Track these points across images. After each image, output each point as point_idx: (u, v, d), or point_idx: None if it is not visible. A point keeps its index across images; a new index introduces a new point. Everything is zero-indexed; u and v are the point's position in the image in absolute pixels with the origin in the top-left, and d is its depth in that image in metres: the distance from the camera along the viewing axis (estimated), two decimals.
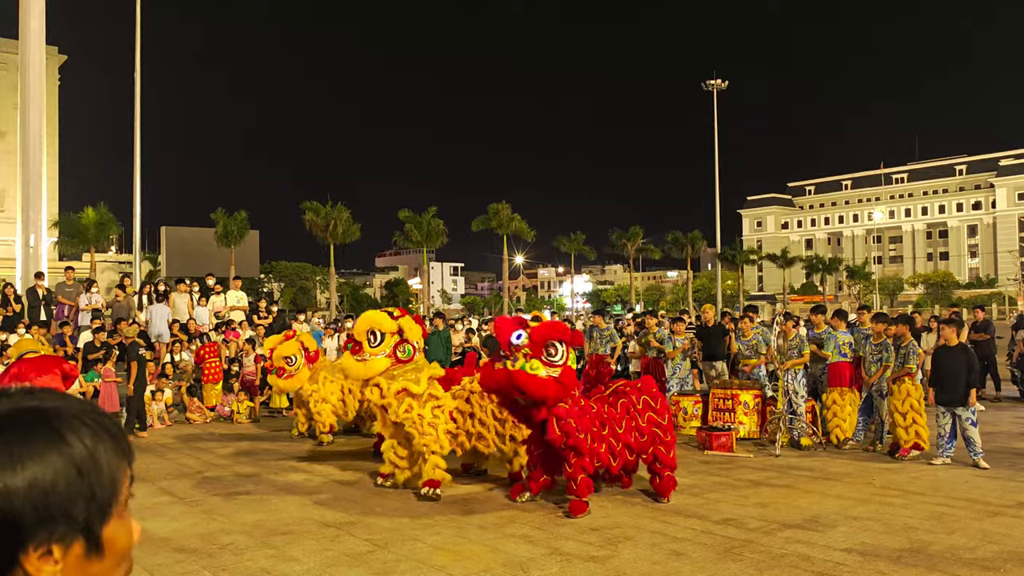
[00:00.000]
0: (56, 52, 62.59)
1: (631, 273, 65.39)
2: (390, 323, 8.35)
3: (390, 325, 8.33)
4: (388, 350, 8.25)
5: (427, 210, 49.80)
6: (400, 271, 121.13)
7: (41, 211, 20.00)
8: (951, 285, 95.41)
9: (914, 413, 10.02)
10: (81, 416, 0.97)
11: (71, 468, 0.93)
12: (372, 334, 8.23)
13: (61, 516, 0.92)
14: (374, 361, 8.19)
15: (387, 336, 8.26)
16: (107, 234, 40.31)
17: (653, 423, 7.80)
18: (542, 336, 7.12)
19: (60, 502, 0.92)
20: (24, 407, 0.96)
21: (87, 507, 0.94)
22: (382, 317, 8.44)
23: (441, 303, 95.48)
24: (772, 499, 7.87)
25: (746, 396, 11.60)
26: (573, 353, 7.34)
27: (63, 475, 0.92)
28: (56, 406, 0.98)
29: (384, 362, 8.21)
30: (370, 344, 8.21)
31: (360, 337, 8.24)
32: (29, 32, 19.98)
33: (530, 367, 7.04)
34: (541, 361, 7.06)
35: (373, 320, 8.39)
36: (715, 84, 56.84)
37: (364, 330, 8.25)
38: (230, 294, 18.47)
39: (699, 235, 61.06)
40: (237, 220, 37.05)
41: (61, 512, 0.92)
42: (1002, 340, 17.60)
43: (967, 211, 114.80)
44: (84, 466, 0.94)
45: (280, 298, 71.18)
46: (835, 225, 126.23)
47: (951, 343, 9.83)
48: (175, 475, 9.46)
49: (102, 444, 0.97)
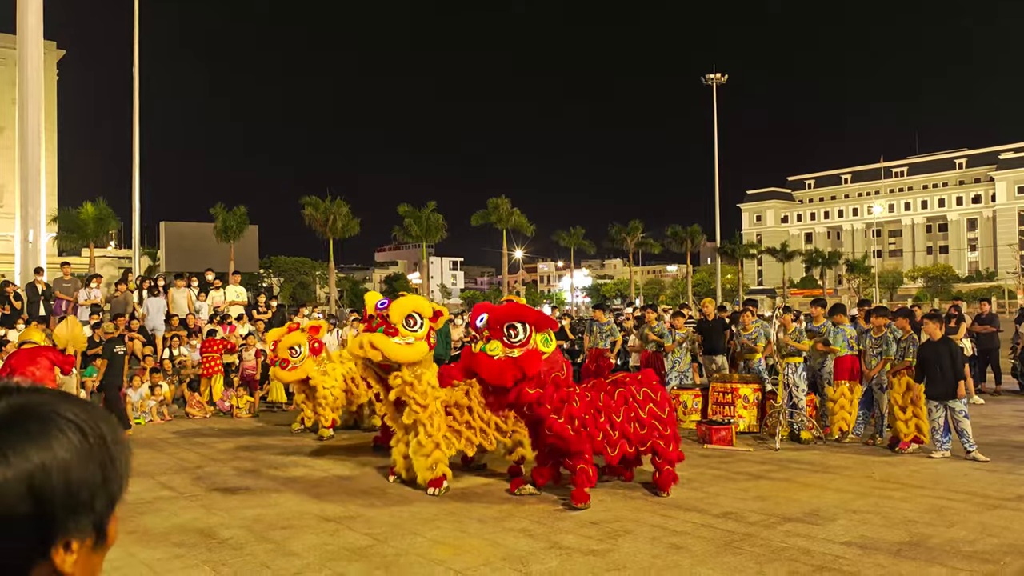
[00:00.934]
0: (54, 47, 62.44)
1: (631, 267, 65.26)
2: (429, 307, 8.12)
3: (429, 310, 8.09)
4: (425, 336, 7.99)
5: (426, 205, 49.74)
6: (400, 266, 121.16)
7: (40, 206, 19.97)
8: (951, 279, 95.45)
9: (914, 407, 10.03)
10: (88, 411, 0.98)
11: (92, 460, 0.94)
12: (412, 318, 7.89)
13: (84, 508, 0.93)
14: (417, 345, 7.87)
15: (425, 322, 8.00)
16: (106, 229, 40.22)
17: (653, 415, 7.76)
18: (500, 317, 7.10)
19: (85, 492, 0.93)
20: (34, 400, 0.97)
21: (103, 499, 0.95)
22: (424, 302, 8.21)
23: (441, 298, 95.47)
24: (772, 493, 7.87)
25: (746, 390, 11.60)
26: (541, 336, 7.16)
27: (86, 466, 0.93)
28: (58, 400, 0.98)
29: (424, 347, 7.93)
30: (408, 327, 7.85)
31: (397, 319, 7.83)
32: (27, 27, 19.92)
33: (489, 349, 7.00)
34: (501, 343, 7.00)
35: (416, 304, 8.09)
36: (715, 78, 56.81)
37: (404, 313, 7.88)
38: (229, 289, 18.47)
39: (699, 229, 61.00)
40: (236, 215, 36.95)
41: (85, 503, 0.93)
42: (1003, 334, 17.58)
43: (967, 205, 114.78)
44: (102, 459, 0.95)
45: (279, 293, 71.14)
46: (835, 219, 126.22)
47: (935, 337, 9.82)
48: (174, 470, 9.46)
49: (111, 437, 0.98)
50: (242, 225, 36.72)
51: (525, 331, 7.08)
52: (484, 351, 7.06)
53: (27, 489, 0.89)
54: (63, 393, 1.00)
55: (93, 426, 0.96)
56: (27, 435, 0.92)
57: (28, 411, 0.94)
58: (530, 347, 7.06)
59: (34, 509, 0.90)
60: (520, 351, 7.02)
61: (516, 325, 7.07)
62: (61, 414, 0.95)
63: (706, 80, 56.88)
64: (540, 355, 7.11)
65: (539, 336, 7.16)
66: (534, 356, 7.05)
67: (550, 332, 7.35)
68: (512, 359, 7.00)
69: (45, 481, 0.90)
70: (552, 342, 7.33)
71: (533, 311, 7.32)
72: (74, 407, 0.97)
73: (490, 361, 7.03)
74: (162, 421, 13.44)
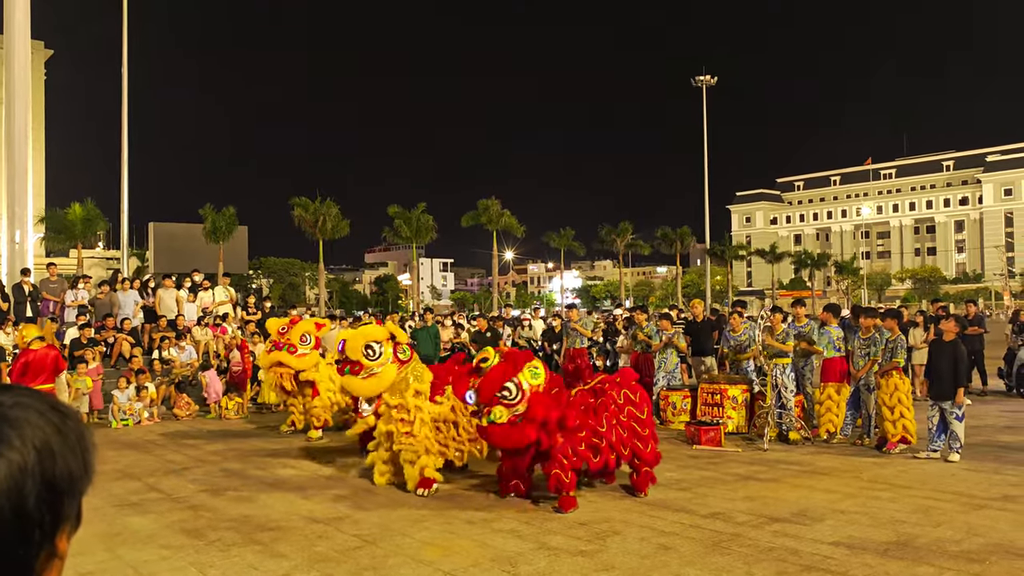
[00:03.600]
0: (42, 47, 62.13)
1: (620, 269, 65.38)
2: (381, 331, 8.36)
3: (382, 333, 8.32)
4: (390, 357, 8.16)
5: (416, 206, 49.70)
6: (390, 267, 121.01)
7: (27, 207, 19.86)
8: (938, 280, 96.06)
9: (901, 407, 10.07)
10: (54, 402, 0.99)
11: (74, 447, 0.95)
12: (370, 348, 8.09)
13: (76, 493, 0.95)
14: (384, 372, 8.07)
15: (384, 344, 8.18)
16: (94, 230, 40.02)
17: (633, 417, 7.76)
18: (487, 388, 7.17)
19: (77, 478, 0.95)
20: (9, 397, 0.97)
21: (85, 485, 0.98)
22: (372, 329, 8.49)
23: (431, 299, 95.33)
24: (760, 493, 7.89)
25: (734, 391, 11.63)
26: (528, 372, 7.17)
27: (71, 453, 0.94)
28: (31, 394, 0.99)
29: (392, 370, 8.12)
30: (370, 358, 8.06)
31: (356, 356, 8.06)
32: (14, 25, 19.81)
33: (495, 418, 7.04)
34: (503, 406, 7.05)
35: (366, 334, 8.29)
36: (704, 80, 56.96)
37: (360, 347, 8.09)
38: (218, 289, 18.40)
39: (688, 231, 61.18)
40: (226, 216, 36.81)
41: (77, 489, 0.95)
42: (989, 335, 17.68)
43: (954, 206, 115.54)
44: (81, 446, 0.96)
45: (269, 294, 70.91)
46: (823, 220, 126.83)
47: (947, 338, 9.84)
48: (162, 471, 9.41)
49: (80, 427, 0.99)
50: (231, 226, 36.57)
51: (518, 388, 7.07)
52: (492, 422, 7.04)
53: (40, 475, 0.90)
54: (29, 389, 1.01)
55: (66, 416, 0.98)
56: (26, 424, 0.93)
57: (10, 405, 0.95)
58: (527, 393, 7.07)
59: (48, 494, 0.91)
60: (522, 405, 7.03)
61: (508, 386, 7.08)
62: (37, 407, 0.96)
63: (695, 82, 57.02)
64: (540, 395, 7.09)
65: (526, 374, 7.15)
66: (536, 400, 7.04)
67: (532, 365, 7.31)
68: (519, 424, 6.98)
69: (51, 467, 0.91)
70: (540, 371, 7.29)
71: (513, 366, 7.22)
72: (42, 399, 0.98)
73: (504, 430, 7.03)
74: (150, 422, 13.37)
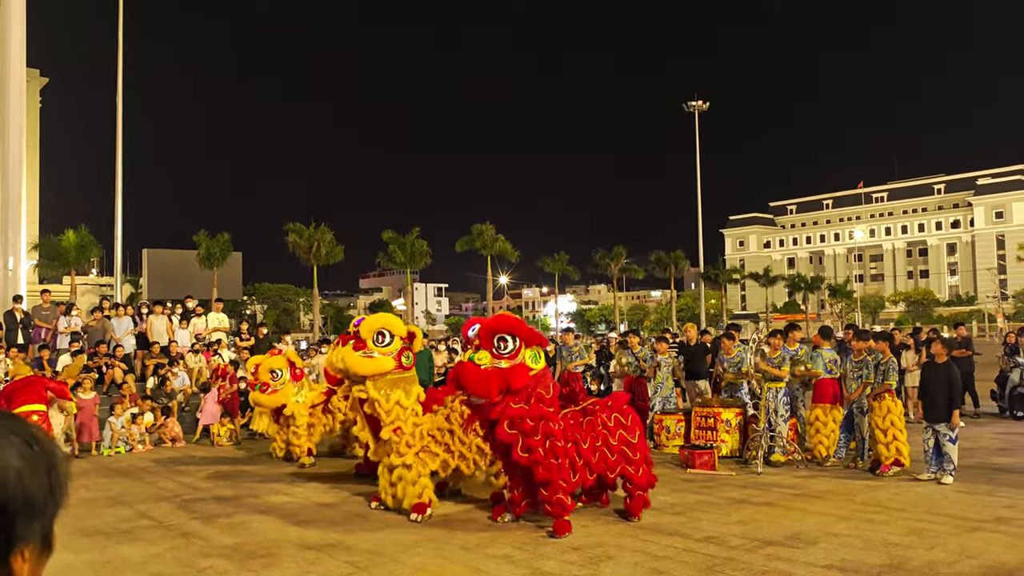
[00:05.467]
0: (38, 75, 62.37)
1: (615, 293, 65.48)
2: (402, 327, 8.19)
3: (401, 329, 8.15)
4: (394, 353, 8.02)
5: (411, 231, 49.82)
6: (384, 292, 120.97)
7: (21, 233, 19.86)
8: (932, 303, 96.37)
9: (894, 429, 10.08)
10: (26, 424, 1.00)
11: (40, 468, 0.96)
12: (381, 334, 7.97)
13: (37, 514, 0.96)
14: (381, 359, 7.91)
15: (396, 339, 8.05)
16: (88, 256, 40.00)
17: (623, 441, 7.74)
18: (492, 327, 7.13)
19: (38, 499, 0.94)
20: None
21: (51, 507, 0.97)
22: (395, 319, 8.29)
23: (426, 324, 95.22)
24: (753, 517, 7.88)
25: (728, 414, 11.63)
26: (531, 351, 7.17)
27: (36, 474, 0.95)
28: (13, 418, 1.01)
29: (390, 363, 7.95)
30: (376, 343, 7.94)
31: (367, 335, 7.95)
32: (9, 54, 19.92)
33: (477, 358, 7.00)
34: (491, 353, 7.01)
35: (386, 321, 8.18)
36: (696, 105, 57.46)
37: (374, 329, 7.99)
38: (211, 316, 18.37)
39: (682, 255, 61.40)
40: (220, 242, 36.84)
41: (38, 509, 0.96)
42: (981, 357, 17.72)
43: (946, 229, 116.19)
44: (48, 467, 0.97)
45: (263, 320, 70.75)
46: (816, 244, 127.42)
47: (938, 360, 9.88)
48: (154, 498, 9.36)
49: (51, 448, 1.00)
50: (225, 252, 36.59)
51: (514, 343, 7.08)
52: (472, 360, 7.04)
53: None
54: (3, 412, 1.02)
55: (35, 438, 0.99)
56: None
57: None
58: (518, 360, 7.06)
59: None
60: (508, 363, 7.01)
61: (506, 337, 7.08)
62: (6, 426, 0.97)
63: (688, 107, 57.52)
64: (528, 370, 7.10)
65: (528, 352, 7.16)
66: (521, 369, 7.04)
67: (539, 350, 7.35)
68: (499, 369, 6.99)
69: (4, 487, 0.92)
70: (541, 360, 7.33)
71: (525, 326, 7.32)
72: (13, 421, 1.00)
73: (476, 370, 7.00)
74: (143, 449, 13.29)
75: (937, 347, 10.06)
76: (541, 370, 7.26)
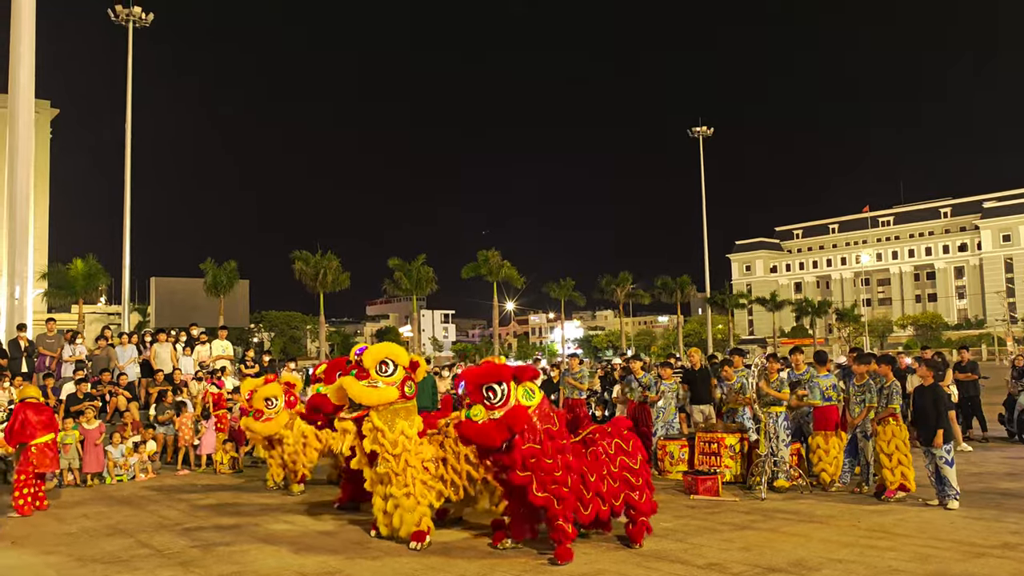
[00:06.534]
0: (48, 106, 63.10)
1: (621, 318, 65.49)
2: (405, 356, 8.12)
3: (405, 358, 8.08)
4: (398, 382, 7.95)
5: (416, 258, 50.03)
6: (391, 319, 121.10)
7: (27, 263, 20.01)
8: (940, 327, 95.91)
9: (899, 454, 9.99)
10: None
11: None
12: (385, 363, 7.90)
13: None
14: (385, 389, 7.82)
15: (399, 368, 7.99)
16: (96, 285, 40.29)
17: (625, 467, 7.70)
18: (476, 380, 7.17)
19: None
20: None
21: None
22: (399, 349, 8.20)
23: (433, 351, 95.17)
24: (757, 543, 7.80)
25: (731, 440, 11.55)
26: (522, 390, 7.17)
27: None
28: None
29: (394, 392, 7.88)
30: (379, 372, 7.86)
31: (370, 364, 7.86)
32: (18, 86, 20.21)
33: (472, 414, 7.07)
34: (483, 406, 7.07)
35: (390, 350, 8.09)
36: (701, 131, 57.76)
37: (378, 358, 7.90)
38: (215, 343, 18.40)
39: (688, 280, 61.47)
40: (227, 270, 37.09)
41: None
42: (989, 381, 17.61)
43: (953, 253, 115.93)
44: None
45: (270, 347, 70.83)
46: (823, 268, 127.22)
47: (926, 383, 9.87)
48: (154, 527, 9.32)
49: None
50: (232, 280, 36.81)
51: (502, 390, 7.10)
52: (468, 417, 7.08)
53: None
54: None
55: None
56: None
57: None
58: (512, 404, 7.07)
59: None
60: (501, 411, 7.03)
61: (493, 386, 7.10)
62: None
63: (692, 133, 57.83)
64: (525, 409, 7.09)
65: (520, 390, 7.15)
66: (518, 412, 7.05)
67: (530, 385, 7.31)
68: (495, 420, 7.01)
69: None
70: (536, 394, 7.28)
71: (506, 368, 7.27)
72: None
73: (475, 426, 7.05)
74: (145, 478, 13.26)
75: (922, 370, 10.08)
76: (539, 403, 7.23)
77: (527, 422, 7.05)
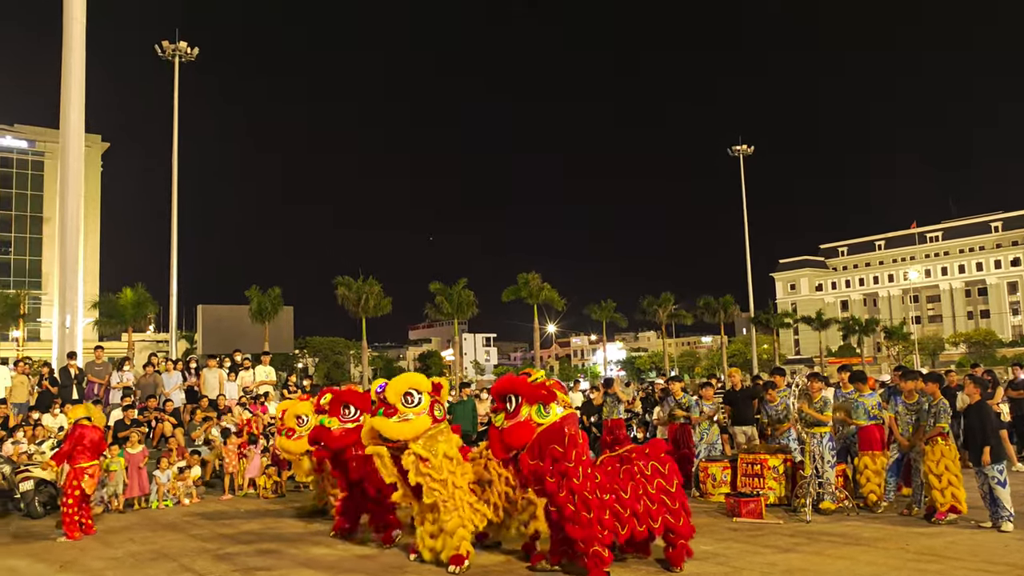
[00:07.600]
0: (99, 140, 64.99)
1: (664, 339, 64.85)
2: (426, 382, 8.21)
3: (426, 384, 8.17)
4: (427, 409, 8.00)
5: (457, 281, 50.23)
6: (433, 343, 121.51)
7: (78, 292, 20.57)
8: (994, 344, 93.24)
9: (949, 475, 9.70)
10: None
11: None
12: (409, 395, 7.95)
13: None
14: (417, 420, 7.86)
15: (424, 396, 8.05)
16: (144, 313, 41.15)
17: (662, 489, 7.60)
18: (496, 390, 7.60)
19: None
20: None
21: None
22: (418, 377, 8.28)
23: (474, 374, 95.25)
24: (801, 566, 7.64)
25: (774, 461, 11.35)
26: (534, 408, 7.17)
27: None
28: None
29: (427, 420, 7.93)
30: (406, 404, 7.91)
31: (394, 399, 7.91)
32: (69, 124, 20.91)
33: (496, 421, 7.43)
34: (504, 414, 7.35)
35: (410, 381, 8.15)
36: (741, 150, 57.38)
37: (400, 391, 7.95)
38: (259, 369, 18.67)
39: (731, 299, 60.58)
40: (271, 297, 37.57)
41: None
42: None
43: (1005, 268, 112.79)
44: None
45: (314, 373, 71.58)
46: (870, 286, 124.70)
47: (973, 400, 9.63)
48: (197, 551, 9.43)
49: None
50: (277, 306, 37.26)
51: (516, 402, 7.24)
52: (494, 423, 7.44)
53: None
54: None
55: None
56: None
57: None
58: (520, 419, 7.14)
59: None
60: (510, 422, 7.20)
61: (509, 397, 7.32)
62: None
63: (732, 152, 57.46)
64: (529, 427, 7.12)
65: (531, 408, 7.16)
66: (519, 427, 7.12)
67: (544, 405, 7.21)
68: (495, 430, 7.33)
69: None
70: (552, 414, 7.20)
71: (524, 384, 7.28)
72: None
73: (493, 432, 7.45)
74: (190, 503, 13.45)
75: (969, 387, 9.84)
76: (554, 423, 7.15)
77: (525, 440, 7.11)
